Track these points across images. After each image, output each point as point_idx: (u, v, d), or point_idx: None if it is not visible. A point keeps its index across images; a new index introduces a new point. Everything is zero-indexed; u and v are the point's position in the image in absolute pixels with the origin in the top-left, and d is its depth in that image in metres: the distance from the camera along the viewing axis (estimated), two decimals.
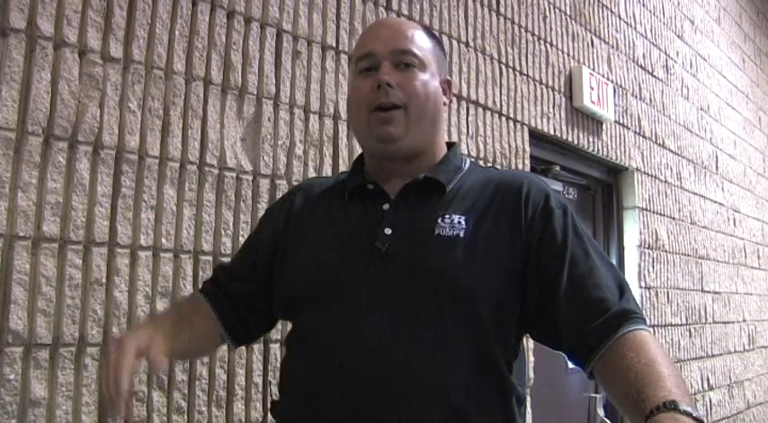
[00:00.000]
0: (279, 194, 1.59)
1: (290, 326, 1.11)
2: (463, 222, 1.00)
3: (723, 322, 3.89)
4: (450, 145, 1.15)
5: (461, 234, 0.99)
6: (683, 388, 0.81)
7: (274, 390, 1.43)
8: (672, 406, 0.75)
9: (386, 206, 1.05)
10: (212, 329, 1.11)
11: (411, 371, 0.93)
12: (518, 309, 0.99)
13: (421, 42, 1.08)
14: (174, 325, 1.02)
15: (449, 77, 1.14)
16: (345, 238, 1.04)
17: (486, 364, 0.97)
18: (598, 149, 2.93)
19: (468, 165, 1.12)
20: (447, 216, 1.01)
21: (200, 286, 1.22)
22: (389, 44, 1.05)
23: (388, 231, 1.01)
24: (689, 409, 0.75)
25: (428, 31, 1.14)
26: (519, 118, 2.45)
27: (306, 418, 0.98)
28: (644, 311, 3.06)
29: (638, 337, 0.89)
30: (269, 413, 1.10)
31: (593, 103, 2.83)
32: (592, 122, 2.91)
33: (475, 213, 1.01)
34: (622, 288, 0.97)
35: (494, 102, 2.33)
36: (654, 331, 3.13)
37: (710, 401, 3.58)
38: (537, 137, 2.57)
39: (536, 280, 0.98)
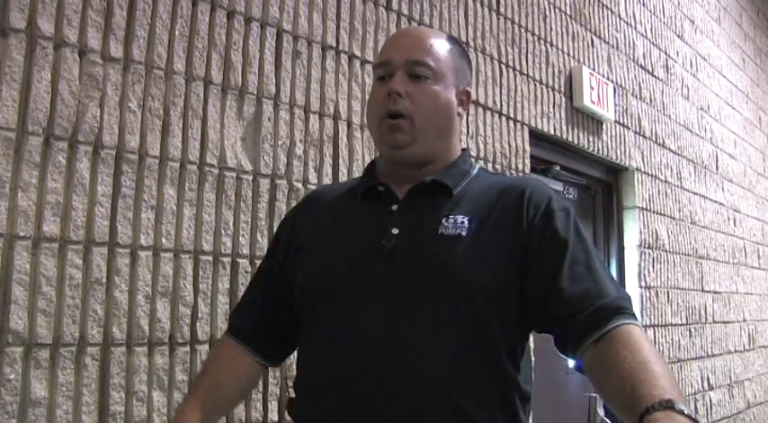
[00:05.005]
0: (279, 194, 1.59)
1: None
2: (466, 222, 1.02)
3: (723, 322, 3.89)
4: (462, 151, 1.17)
5: (463, 233, 1.01)
6: (677, 388, 0.81)
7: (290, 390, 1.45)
8: (668, 405, 0.76)
9: (394, 207, 1.08)
10: (247, 364, 1.14)
11: (408, 364, 0.95)
12: (518, 306, 1.00)
13: (438, 53, 1.09)
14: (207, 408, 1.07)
15: (468, 88, 1.15)
16: (354, 238, 1.07)
17: (487, 361, 0.98)
18: (598, 149, 2.93)
19: (476, 170, 1.14)
20: (451, 216, 1.03)
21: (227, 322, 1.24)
22: (406, 54, 1.08)
23: (395, 231, 1.04)
24: (684, 408, 0.75)
25: (452, 40, 1.15)
26: (519, 118, 2.45)
27: (317, 413, 1.01)
28: (643, 311, 3.06)
29: (630, 333, 0.90)
30: (287, 411, 1.14)
31: (593, 102, 2.83)
32: (592, 122, 2.91)
33: (478, 214, 1.04)
34: (618, 287, 0.98)
35: (494, 102, 2.33)
36: (654, 331, 3.13)
37: (710, 401, 3.58)
38: (537, 137, 2.57)
39: (537, 276, 0.99)
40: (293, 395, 1.10)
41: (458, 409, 0.95)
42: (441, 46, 1.11)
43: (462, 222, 1.02)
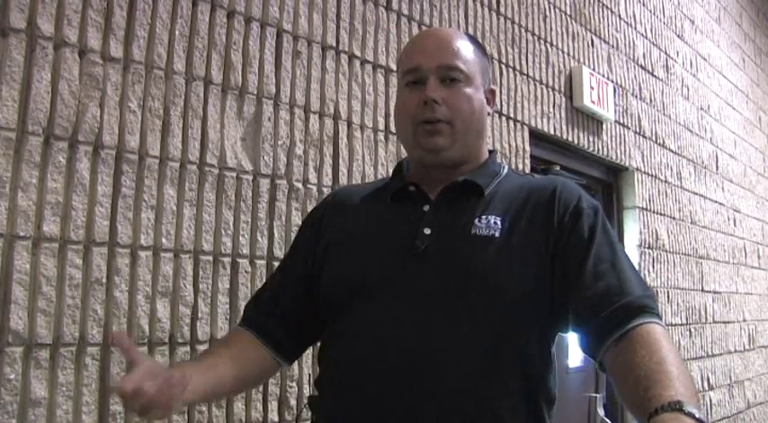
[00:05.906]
0: (279, 194, 1.59)
1: None
2: (499, 223, 1.03)
3: (723, 322, 3.89)
4: (490, 153, 1.18)
5: (496, 234, 1.02)
6: (692, 389, 0.81)
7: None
8: (677, 406, 0.76)
9: (426, 207, 1.08)
10: (258, 354, 1.11)
11: (440, 364, 0.95)
12: (549, 306, 1.01)
13: (466, 55, 1.10)
14: (207, 366, 1.02)
15: (493, 87, 1.17)
16: (384, 239, 1.07)
17: (519, 361, 0.98)
18: (598, 149, 2.93)
19: (506, 171, 1.15)
20: (484, 217, 1.04)
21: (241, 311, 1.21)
22: (436, 59, 1.08)
23: (427, 231, 1.04)
24: (693, 411, 0.75)
25: (473, 40, 1.16)
26: (519, 118, 2.45)
27: (339, 413, 1.01)
28: None
29: (651, 332, 0.89)
30: (305, 407, 1.14)
31: (593, 102, 2.83)
32: (592, 122, 2.91)
33: (510, 215, 1.04)
34: (643, 285, 0.98)
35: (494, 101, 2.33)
36: None
37: (710, 401, 3.58)
38: (537, 137, 2.57)
39: (563, 274, 0.99)
40: (314, 392, 1.10)
41: (489, 410, 0.95)
42: (466, 48, 1.11)
43: (495, 222, 1.03)
